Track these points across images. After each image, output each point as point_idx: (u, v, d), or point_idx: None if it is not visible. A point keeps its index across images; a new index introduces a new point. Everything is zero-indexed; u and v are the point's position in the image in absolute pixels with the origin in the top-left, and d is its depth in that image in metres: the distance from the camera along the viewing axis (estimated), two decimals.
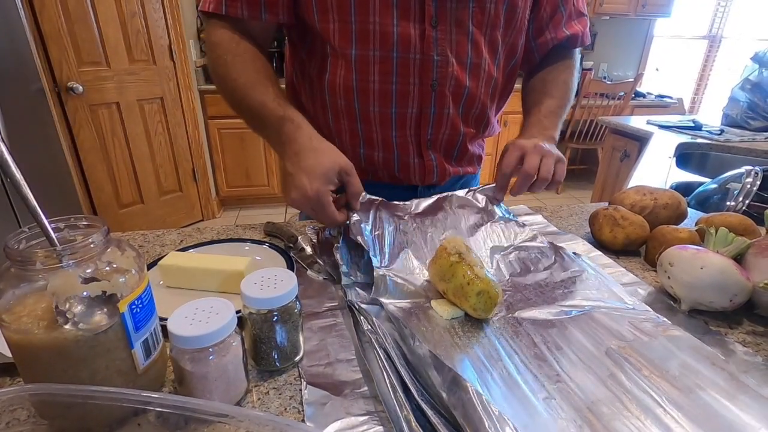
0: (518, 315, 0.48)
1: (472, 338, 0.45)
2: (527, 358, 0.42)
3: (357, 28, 0.64)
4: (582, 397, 0.38)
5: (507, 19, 0.70)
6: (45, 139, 1.66)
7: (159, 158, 2.52)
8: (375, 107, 0.69)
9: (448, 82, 0.69)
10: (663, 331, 0.46)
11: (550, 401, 0.37)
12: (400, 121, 0.71)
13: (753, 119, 1.80)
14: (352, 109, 0.70)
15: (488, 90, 0.75)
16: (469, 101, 0.73)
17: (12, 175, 0.32)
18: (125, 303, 0.33)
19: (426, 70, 0.67)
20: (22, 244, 0.32)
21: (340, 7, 0.63)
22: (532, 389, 0.38)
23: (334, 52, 0.66)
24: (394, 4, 0.63)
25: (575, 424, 0.35)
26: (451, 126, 0.73)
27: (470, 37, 0.68)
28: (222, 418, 0.27)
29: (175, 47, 2.43)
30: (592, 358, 0.42)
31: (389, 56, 0.66)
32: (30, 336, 0.31)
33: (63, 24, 1.96)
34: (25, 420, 0.32)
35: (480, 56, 0.70)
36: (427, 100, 0.69)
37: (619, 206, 0.65)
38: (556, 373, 0.40)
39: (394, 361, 0.39)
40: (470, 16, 0.67)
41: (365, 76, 0.67)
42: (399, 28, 0.64)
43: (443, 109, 0.71)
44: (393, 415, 0.34)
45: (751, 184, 0.85)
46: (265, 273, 0.41)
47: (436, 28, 0.65)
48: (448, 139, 0.75)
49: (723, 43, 3.98)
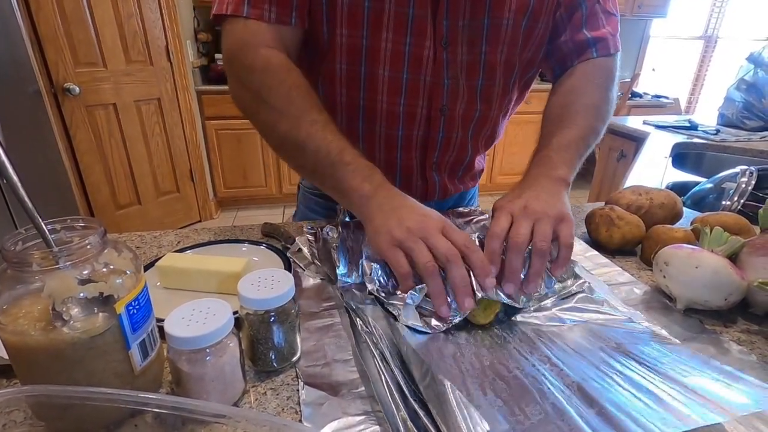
0: (514, 319, 0.48)
1: (470, 341, 0.45)
2: (522, 348, 0.43)
3: (368, 45, 0.59)
4: (572, 374, 0.39)
5: (527, 35, 0.62)
6: (42, 141, 1.65)
7: (156, 159, 2.52)
8: (381, 128, 0.66)
9: (458, 107, 0.65)
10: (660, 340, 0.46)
11: (539, 376, 0.38)
12: (405, 144, 0.68)
13: (748, 119, 1.81)
14: (354, 129, 0.67)
15: (502, 109, 0.70)
16: (480, 123, 0.69)
17: (9, 176, 0.32)
18: (122, 304, 0.33)
19: (436, 94, 0.63)
20: (18, 245, 0.32)
21: (351, 22, 0.58)
22: (519, 367, 0.40)
23: (342, 69, 0.62)
24: (409, 21, 0.58)
25: (563, 394, 0.36)
26: (459, 148, 0.70)
27: (483, 57, 0.62)
28: (219, 419, 0.27)
29: (172, 48, 2.43)
30: (585, 349, 0.43)
31: (399, 77, 0.62)
32: (26, 338, 0.30)
33: (59, 25, 1.96)
34: (21, 422, 0.32)
35: (493, 78, 0.64)
36: (435, 125, 0.66)
37: (615, 206, 0.65)
38: (548, 357, 0.41)
39: (389, 363, 0.39)
40: (484, 33, 0.60)
41: (374, 95, 0.63)
42: (412, 48, 0.60)
43: (452, 133, 0.67)
44: (390, 415, 0.34)
45: (746, 184, 0.86)
46: (263, 274, 0.41)
47: (447, 49, 0.60)
48: (455, 161, 0.72)
49: (719, 44, 4.00)
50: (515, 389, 0.37)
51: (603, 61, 0.65)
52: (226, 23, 0.57)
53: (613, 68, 0.66)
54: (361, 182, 0.51)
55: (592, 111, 0.62)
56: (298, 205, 0.87)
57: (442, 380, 0.34)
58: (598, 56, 0.65)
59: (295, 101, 0.54)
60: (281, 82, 0.54)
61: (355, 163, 0.52)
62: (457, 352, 0.43)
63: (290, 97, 0.54)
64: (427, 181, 0.72)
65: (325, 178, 0.53)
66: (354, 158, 0.52)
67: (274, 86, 0.54)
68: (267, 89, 0.54)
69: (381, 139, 0.68)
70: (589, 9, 0.63)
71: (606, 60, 0.65)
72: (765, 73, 1.73)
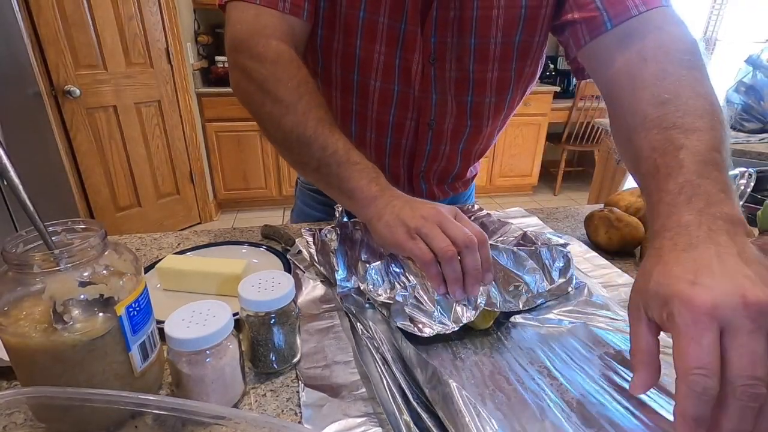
0: (514, 320, 0.48)
1: (469, 347, 0.45)
2: (521, 358, 0.43)
3: (361, 54, 0.60)
4: (572, 390, 0.38)
5: (521, 51, 0.60)
6: (42, 143, 1.66)
7: (156, 161, 2.52)
8: (372, 134, 0.67)
9: (446, 122, 0.65)
10: None
11: (539, 392, 0.38)
12: (394, 152, 0.69)
13: (747, 121, 1.82)
14: (348, 132, 0.66)
15: (496, 124, 0.68)
16: (471, 138, 0.68)
17: (10, 178, 0.32)
18: (122, 306, 0.33)
19: (424, 108, 0.64)
20: (19, 247, 0.32)
21: (347, 29, 0.59)
22: (519, 379, 0.39)
23: (337, 75, 0.63)
24: (401, 35, 0.58)
25: (563, 413, 0.36)
26: (447, 161, 0.70)
27: (472, 76, 0.61)
28: (219, 421, 0.27)
29: (173, 50, 2.43)
30: (584, 360, 0.42)
31: (390, 88, 0.62)
32: (27, 339, 0.31)
33: (60, 27, 1.96)
34: (22, 423, 0.32)
35: (482, 94, 0.63)
36: (423, 137, 0.66)
37: (614, 208, 0.65)
38: (548, 369, 0.41)
39: (391, 365, 0.39)
40: (471, 53, 0.59)
41: (365, 102, 0.64)
42: (402, 62, 0.60)
43: (439, 146, 0.67)
44: (392, 418, 0.34)
45: (745, 186, 0.85)
46: (263, 275, 0.41)
47: (435, 65, 0.60)
48: (443, 171, 0.72)
49: (717, 46, 4.01)
50: (515, 404, 0.37)
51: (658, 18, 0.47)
52: (235, 9, 0.55)
53: (682, 30, 0.47)
54: (368, 183, 0.50)
55: (709, 101, 0.41)
56: (296, 202, 0.87)
57: (448, 381, 0.34)
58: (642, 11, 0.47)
59: (304, 97, 0.53)
60: (291, 77, 0.53)
61: (362, 164, 0.51)
62: (456, 358, 0.43)
63: (299, 93, 0.53)
64: (414, 187, 0.73)
65: (330, 177, 0.52)
66: (361, 159, 0.52)
67: (283, 79, 0.53)
68: (275, 81, 0.53)
69: (371, 144, 0.69)
70: None
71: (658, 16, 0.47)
72: (764, 76, 1.74)
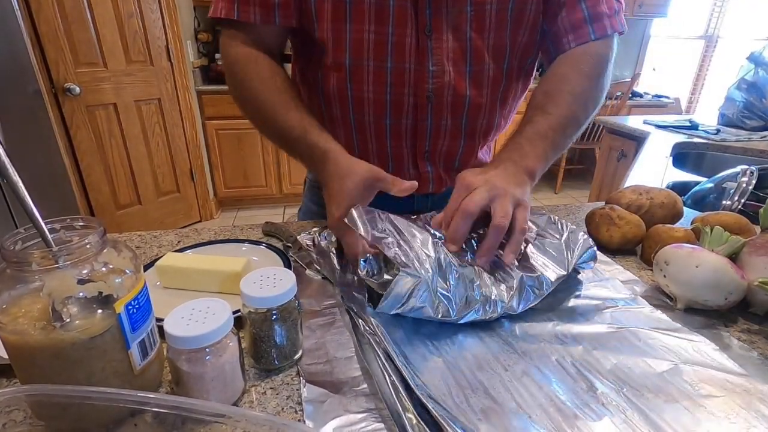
0: (521, 328, 0.47)
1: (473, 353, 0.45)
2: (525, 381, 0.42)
3: (351, 36, 0.62)
4: None
5: (515, 19, 0.62)
6: (42, 141, 1.65)
7: (156, 159, 2.52)
8: (370, 117, 0.68)
9: (445, 93, 0.65)
10: None
11: None
12: (395, 132, 0.69)
13: (749, 119, 1.81)
14: (347, 118, 0.69)
15: (496, 96, 0.68)
16: (473, 111, 0.68)
17: (9, 176, 0.32)
18: (122, 304, 0.33)
19: (421, 81, 0.64)
20: (18, 245, 0.32)
21: (335, 15, 0.61)
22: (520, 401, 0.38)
23: (330, 61, 0.64)
24: (390, 12, 0.60)
25: None
26: (451, 137, 0.70)
27: (469, 44, 0.63)
28: (219, 418, 0.27)
29: (173, 48, 2.43)
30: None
31: (383, 66, 0.63)
32: (26, 337, 0.30)
33: (60, 25, 1.96)
34: (21, 421, 0.32)
35: (481, 62, 0.64)
36: (423, 112, 0.66)
37: (616, 206, 0.65)
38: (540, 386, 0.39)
39: (395, 361, 0.39)
40: (468, 21, 0.61)
41: (360, 85, 0.65)
42: (394, 38, 0.61)
43: (440, 120, 0.67)
44: (395, 414, 0.34)
45: (747, 183, 0.85)
46: (265, 272, 0.41)
47: (431, 37, 0.61)
48: (448, 151, 0.72)
49: (719, 43, 4.00)
50: None
51: (596, 45, 0.63)
52: (221, 26, 0.65)
53: (606, 53, 0.64)
54: (326, 142, 0.57)
55: (575, 99, 0.61)
56: (303, 200, 0.87)
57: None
58: (595, 38, 0.62)
59: (267, 88, 0.62)
60: (249, 72, 0.63)
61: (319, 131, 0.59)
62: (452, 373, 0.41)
63: (266, 85, 0.62)
64: (420, 170, 0.72)
65: (297, 144, 0.60)
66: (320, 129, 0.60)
67: (246, 77, 0.63)
68: (242, 79, 0.63)
69: (371, 128, 0.69)
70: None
71: (599, 44, 0.63)
72: (766, 73, 1.73)
